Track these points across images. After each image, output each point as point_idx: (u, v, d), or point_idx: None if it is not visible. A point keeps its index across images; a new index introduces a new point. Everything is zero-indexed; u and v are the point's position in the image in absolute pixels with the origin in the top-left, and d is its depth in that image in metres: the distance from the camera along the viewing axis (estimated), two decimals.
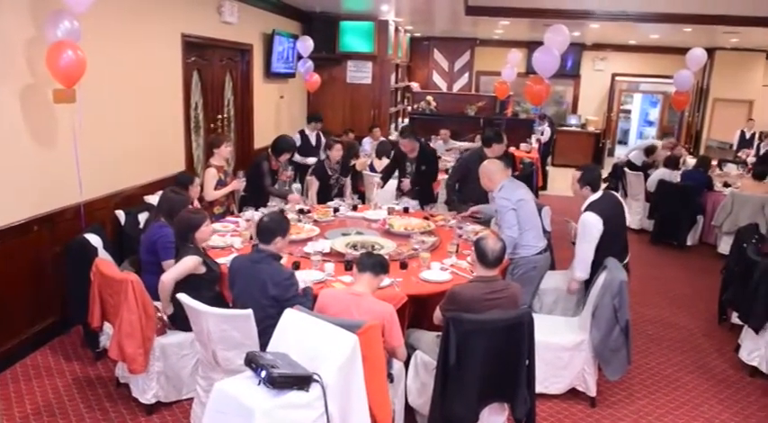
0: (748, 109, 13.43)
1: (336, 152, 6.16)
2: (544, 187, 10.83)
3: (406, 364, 3.51)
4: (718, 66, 13.59)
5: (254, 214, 4.85)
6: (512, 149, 9.46)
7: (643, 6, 8.82)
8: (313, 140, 8.06)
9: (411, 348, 3.56)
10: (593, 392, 4.00)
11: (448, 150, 9.17)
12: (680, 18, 9.05)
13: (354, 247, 4.25)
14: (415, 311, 3.83)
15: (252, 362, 2.70)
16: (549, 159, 12.57)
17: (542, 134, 11.27)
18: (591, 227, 4.21)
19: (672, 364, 4.72)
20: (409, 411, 3.54)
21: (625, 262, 4.41)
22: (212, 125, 7.15)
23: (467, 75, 14.04)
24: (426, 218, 5.18)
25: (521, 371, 3.19)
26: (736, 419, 4.00)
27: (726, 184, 8.07)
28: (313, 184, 6.15)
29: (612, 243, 4.26)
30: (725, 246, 7.02)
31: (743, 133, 11.89)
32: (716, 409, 4.12)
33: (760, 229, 5.83)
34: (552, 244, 4.76)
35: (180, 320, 3.55)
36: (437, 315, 3.33)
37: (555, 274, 4.87)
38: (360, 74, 10.27)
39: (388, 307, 3.14)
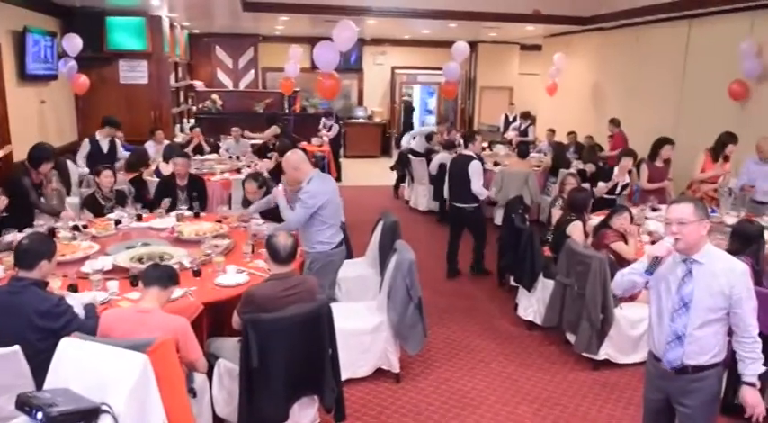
0: (509, 95, 15.12)
1: (106, 179, 5.45)
2: (338, 179, 11.13)
3: (211, 374, 3.38)
4: (482, 57, 15.09)
5: (16, 236, 4.26)
6: (303, 144, 9.57)
7: (413, 3, 9.46)
8: (105, 148, 7.31)
9: (213, 357, 3.43)
10: (396, 369, 4.22)
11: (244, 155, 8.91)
12: (445, 14, 9.90)
13: (140, 260, 3.96)
14: (215, 319, 3.70)
15: (25, 404, 2.40)
16: (342, 152, 12.94)
17: (330, 129, 11.53)
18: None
19: (464, 331, 5.16)
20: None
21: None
22: None
23: (252, 71, 13.81)
24: (219, 221, 5.01)
25: (325, 361, 3.24)
26: (520, 369, 4.51)
27: (496, 163, 8.99)
28: (87, 217, 5.23)
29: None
30: (499, 218, 7.82)
31: (506, 116, 13.35)
32: (503, 363, 4.61)
33: (524, 201, 6.61)
34: (348, 233, 4.89)
35: None
36: (235, 319, 3.24)
37: (353, 262, 5.03)
38: (134, 73, 9.56)
39: (181, 320, 2.97)
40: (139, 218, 5.18)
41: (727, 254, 2.69)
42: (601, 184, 6.50)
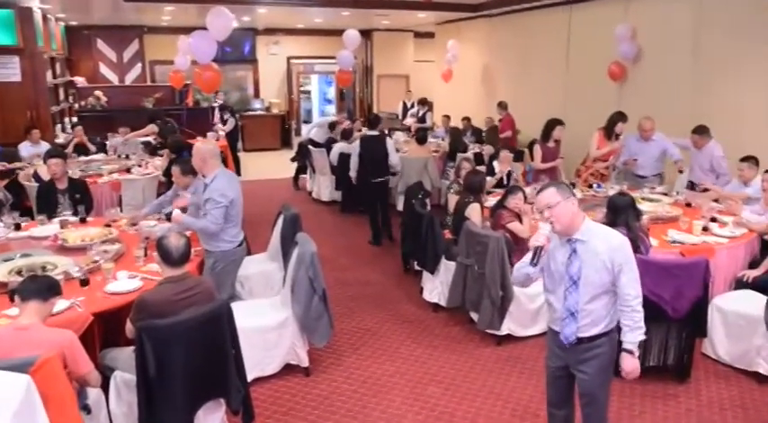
0: (406, 82, 15.32)
1: None
2: (237, 174, 10.83)
3: (107, 387, 3.19)
4: (377, 45, 15.18)
5: None
6: (198, 139, 9.22)
7: None
8: None
9: (109, 370, 3.26)
10: (305, 363, 4.17)
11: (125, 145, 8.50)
12: (336, 2, 9.83)
13: (20, 272, 3.66)
14: (109, 329, 3.50)
15: None
16: (240, 146, 12.63)
17: (225, 123, 11.20)
18: None
19: (371, 318, 5.19)
20: None
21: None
22: None
23: (139, 65, 13.12)
24: (108, 225, 4.73)
25: (228, 363, 3.13)
26: (427, 352, 4.59)
27: (396, 150, 9.06)
28: None
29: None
30: (401, 204, 7.91)
31: (405, 103, 13.53)
32: (411, 347, 4.67)
33: (424, 186, 6.73)
34: (245, 230, 4.77)
35: None
36: (128, 327, 3.07)
37: (254, 258, 4.92)
38: (5, 71, 8.79)
39: (66, 333, 2.77)
40: (18, 227, 4.79)
41: (605, 228, 2.81)
42: (489, 179, 6.73)
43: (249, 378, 3.55)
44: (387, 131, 10.64)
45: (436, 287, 5.23)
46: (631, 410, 3.79)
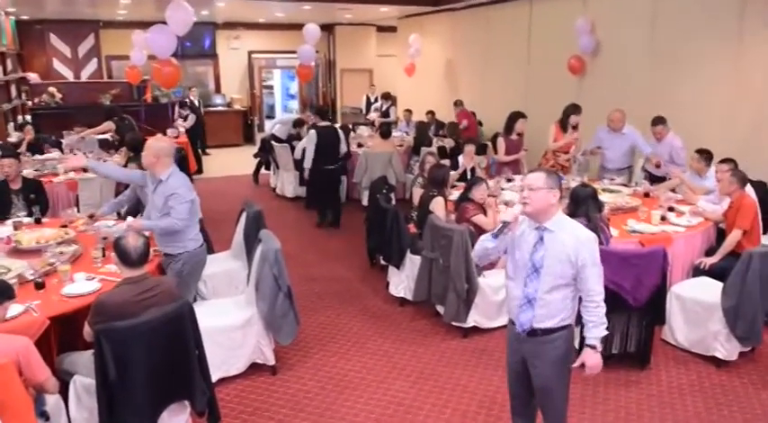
0: (369, 76, 15.28)
1: None
2: (200, 171, 10.67)
3: (66, 393, 3.10)
4: (340, 39, 15.09)
5: None
6: (158, 136, 9.03)
7: None
8: None
9: (68, 374, 3.16)
10: (272, 361, 4.13)
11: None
12: None
13: None
14: (67, 332, 3.41)
15: None
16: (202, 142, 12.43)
17: (186, 119, 10.98)
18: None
19: (338, 314, 5.17)
20: None
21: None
22: None
23: (95, 60, 12.77)
24: (64, 225, 4.59)
25: (192, 364, 3.08)
26: (394, 346, 4.60)
27: (359, 145, 9.05)
28: None
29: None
30: (366, 199, 7.90)
31: (368, 98, 13.50)
32: (378, 341, 4.67)
33: (389, 181, 6.73)
34: (207, 229, 4.70)
35: None
36: (87, 331, 2.99)
37: (217, 257, 4.85)
38: None
39: (20, 340, 2.68)
40: None
41: (576, 223, 2.82)
42: (452, 173, 6.76)
43: (214, 378, 3.51)
44: (351, 126, 10.67)
45: (402, 281, 5.24)
46: (595, 397, 3.86)
